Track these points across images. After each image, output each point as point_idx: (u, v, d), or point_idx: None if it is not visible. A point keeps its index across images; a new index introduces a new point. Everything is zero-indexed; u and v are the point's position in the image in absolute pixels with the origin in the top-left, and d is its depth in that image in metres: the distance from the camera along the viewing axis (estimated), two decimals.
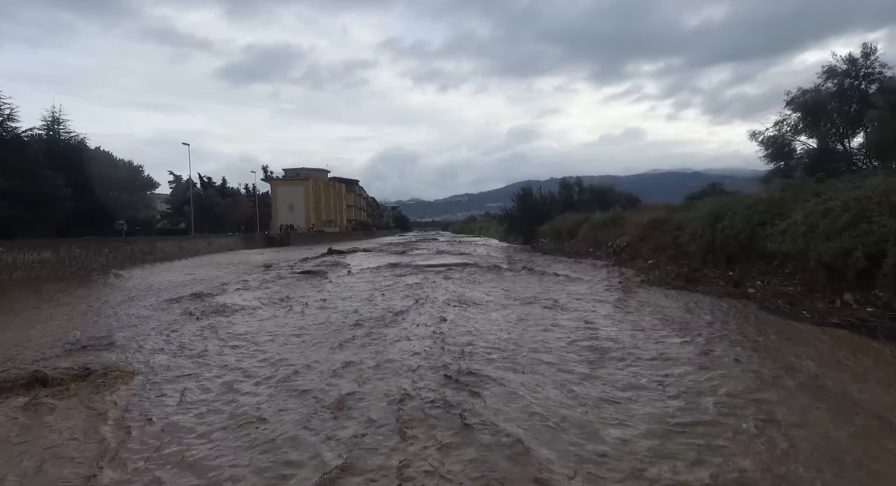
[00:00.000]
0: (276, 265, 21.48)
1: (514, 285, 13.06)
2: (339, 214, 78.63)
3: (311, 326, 7.74)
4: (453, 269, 17.77)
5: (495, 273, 16.25)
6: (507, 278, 14.85)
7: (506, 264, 20.15)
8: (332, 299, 10.75)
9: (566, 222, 27.87)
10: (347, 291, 12.28)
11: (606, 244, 19.83)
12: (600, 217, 23.12)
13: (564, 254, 23.55)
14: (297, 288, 13.07)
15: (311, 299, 10.77)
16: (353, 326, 7.59)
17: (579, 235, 25.03)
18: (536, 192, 38.93)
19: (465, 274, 15.99)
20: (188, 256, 29.29)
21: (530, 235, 36.70)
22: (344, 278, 15.65)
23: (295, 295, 11.43)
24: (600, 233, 21.46)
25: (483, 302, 10.10)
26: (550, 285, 12.93)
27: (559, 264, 19.28)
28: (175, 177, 59.44)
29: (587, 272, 15.82)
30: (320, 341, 6.91)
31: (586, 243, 23.04)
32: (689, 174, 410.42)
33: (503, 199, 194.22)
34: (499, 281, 13.95)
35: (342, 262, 22.53)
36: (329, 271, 18.30)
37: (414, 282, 13.99)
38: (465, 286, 12.81)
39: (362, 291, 12.06)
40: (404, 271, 17.13)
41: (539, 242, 31.64)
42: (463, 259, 22.68)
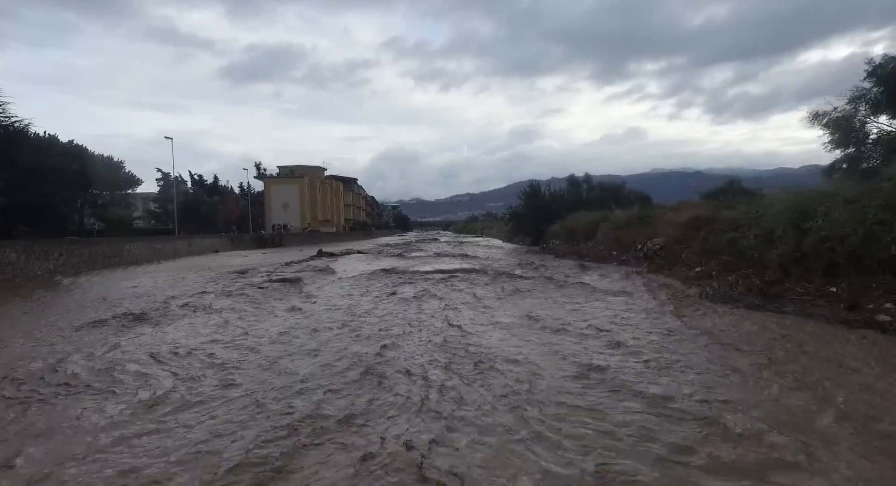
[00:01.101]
0: (253, 271, 18.73)
1: (535, 302, 10.29)
2: (337, 214, 75.87)
3: (236, 408, 4.47)
4: (456, 276, 15.02)
5: (507, 283, 13.49)
6: (522, 289, 12.08)
7: (517, 269, 17.39)
8: (296, 330, 7.97)
9: (581, 222, 25.11)
10: (321, 314, 9.51)
11: (635, 247, 17.05)
12: (623, 215, 20.35)
13: (581, 257, 20.78)
14: (260, 308, 10.30)
15: (266, 331, 7.95)
16: (289, 411, 4.46)
17: (597, 235, 22.25)
18: (545, 189, 36.15)
19: (470, 285, 13.22)
20: (163, 259, 26.54)
21: (538, 236, 33.94)
22: (324, 290, 12.89)
23: (249, 323, 8.66)
24: (624, 234, 18.68)
25: (500, 341, 7.33)
26: (581, 301, 10.17)
27: (578, 269, 16.51)
28: (164, 174, 56.80)
29: (619, 282, 13.04)
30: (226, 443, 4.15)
31: (607, 244, 20.26)
32: (691, 174, 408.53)
33: (504, 198, 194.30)
34: (514, 296, 11.17)
35: (330, 267, 19.78)
36: (310, 279, 15.54)
37: (408, 296, 11.23)
38: (473, 306, 10.05)
39: (339, 316, 9.29)
40: (398, 281, 14.36)
41: (549, 243, 28.87)
42: (467, 263, 19.93)
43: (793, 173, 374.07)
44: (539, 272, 16.08)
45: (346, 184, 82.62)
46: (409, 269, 17.82)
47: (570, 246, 24.37)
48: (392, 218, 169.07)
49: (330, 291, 12.60)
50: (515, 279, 14.18)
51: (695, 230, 14.49)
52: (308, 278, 15.62)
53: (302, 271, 17.97)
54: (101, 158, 38.97)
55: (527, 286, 12.74)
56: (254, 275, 17.08)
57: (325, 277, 16.29)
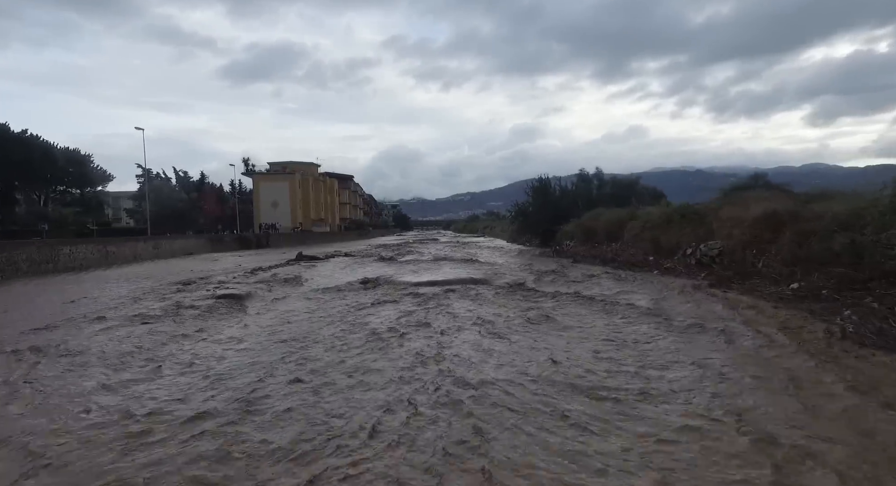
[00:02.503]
0: (203, 281, 15.16)
1: (574, 339, 6.70)
2: (331, 213, 72.23)
3: None
4: (455, 291, 11.44)
5: (524, 301, 9.90)
6: (546, 313, 8.49)
7: (531, 278, 13.80)
8: (169, 409, 4.43)
9: (602, 220, 21.51)
10: (236, 371, 5.91)
11: (682, 251, 13.43)
12: (660, 212, 16.75)
13: (607, 263, 17.19)
14: (141, 356, 6.71)
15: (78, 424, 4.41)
16: None
17: (624, 236, 18.64)
18: (555, 184, 32.52)
19: (474, 304, 9.63)
20: (117, 264, 22.98)
21: (548, 237, 30.32)
22: (269, 316, 9.29)
23: (86, 398, 5.11)
24: (664, 234, 15.07)
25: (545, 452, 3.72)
26: (642, 340, 6.59)
27: (613, 280, 12.90)
28: (144, 171, 53.25)
29: (681, 302, 9.43)
30: None
31: (639, 247, 16.65)
32: (692, 172, 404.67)
33: (505, 197, 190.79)
34: (539, 328, 7.56)
35: (301, 276, 16.19)
36: (265, 295, 11.96)
37: (386, 326, 7.63)
38: (479, 346, 6.43)
39: (256, 375, 5.70)
40: (379, 299, 10.75)
41: (563, 245, 25.25)
42: (469, 271, 16.34)
43: (794, 172, 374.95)
44: (562, 284, 12.49)
45: (341, 181, 78.90)
46: (398, 278, 14.23)
47: (590, 248, 20.76)
48: (391, 217, 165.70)
49: (277, 316, 8.99)
50: (534, 296, 10.57)
51: (770, 230, 10.88)
52: (262, 294, 12.04)
53: (263, 282, 14.39)
54: (63, 151, 35.38)
55: (552, 307, 9.14)
56: (199, 287, 13.50)
57: (286, 290, 12.70)
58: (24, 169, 30.36)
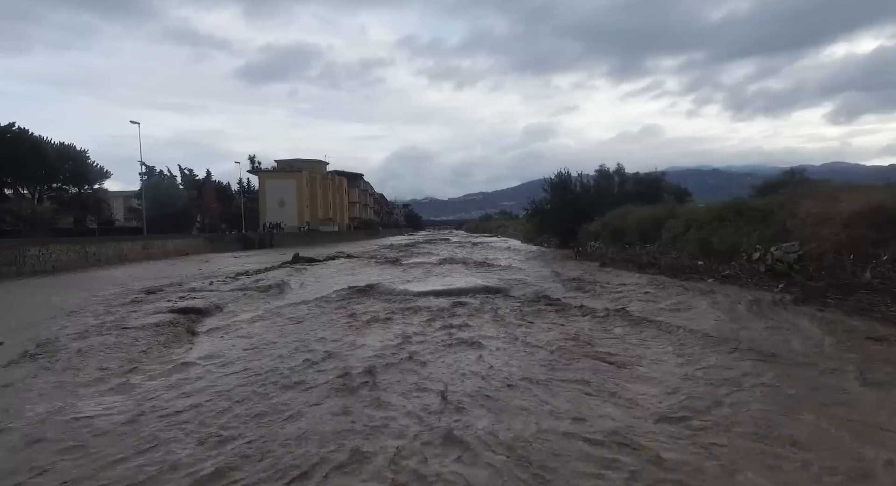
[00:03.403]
0: (174, 289, 13.05)
1: (633, 391, 4.33)
2: (340, 212, 70.28)
3: None
4: (465, 304, 9.14)
5: (555, 322, 7.56)
6: (589, 340, 6.16)
7: (558, 288, 11.44)
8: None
9: (633, 218, 19.01)
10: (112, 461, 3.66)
11: (747, 256, 10.94)
12: (708, 209, 14.24)
13: (642, 268, 14.75)
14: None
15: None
16: None
17: (662, 237, 16.16)
18: (576, 180, 30.02)
19: (489, 325, 7.31)
20: (97, 266, 21.07)
21: (569, 237, 27.87)
22: (225, 341, 7.06)
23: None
24: (717, 235, 12.59)
25: None
26: (743, 402, 4.20)
27: (658, 290, 10.45)
28: (147, 168, 51.75)
29: (760, 325, 6.99)
30: None
31: (682, 249, 14.17)
32: (709, 171, 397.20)
33: (517, 197, 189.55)
34: (582, 366, 5.21)
35: (287, 282, 14.00)
36: (234, 308, 9.77)
37: (367, 364, 5.34)
38: (495, 415, 4.08)
39: (139, 463, 3.44)
40: (368, 316, 8.46)
41: (586, 246, 22.79)
42: (482, 276, 14.02)
43: (815, 171, 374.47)
44: (597, 296, 10.10)
45: (350, 180, 76.89)
46: (398, 287, 11.94)
47: (620, 250, 18.29)
48: (403, 217, 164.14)
49: (228, 346, 6.73)
50: (567, 313, 8.22)
51: (875, 229, 8.39)
52: (231, 307, 9.84)
53: (240, 290, 12.23)
54: (56, 147, 33.73)
55: (593, 331, 6.79)
56: (162, 297, 11.36)
57: (261, 302, 10.48)
58: (13, 165, 28.71)
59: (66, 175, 36.30)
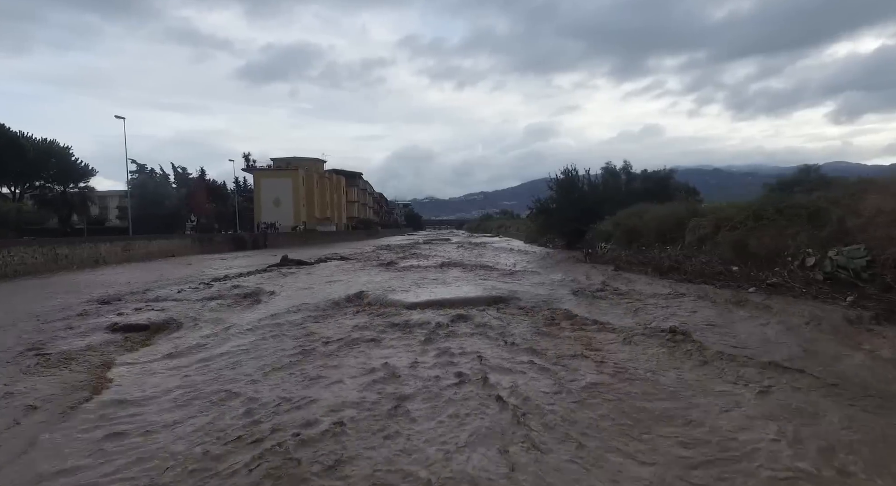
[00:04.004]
0: (137, 297, 11.51)
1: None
2: (338, 211, 68.68)
3: None
4: (466, 319, 7.60)
5: (589, 346, 5.99)
6: (636, 375, 4.58)
7: (574, 299, 9.85)
8: None
9: (650, 217, 17.44)
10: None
11: (800, 261, 9.34)
12: (742, 206, 12.64)
13: (664, 273, 13.18)
14: None
15: None
16: None
17: (686, 238, 14.59)
18: (584, 178, 28.44)
19: (503, 357, 5.74)
20: (68, 269, 19.54)
21: (576, 238, 26.33)
22: (142, 380, 5.51)
23: None
24: (755, 236, 11.00)
25: None
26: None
27: (693, 302, 8.87)
28: (139, 166, 50.25)
29: (859, 361, 5.42)
30: None
31: (712, 253, 12.59)
32: (710, 171, 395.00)
33: (518, 197, 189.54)
34: (630, 422, 3.62)
35: (270, 288, 12.45)
36: (191, 325, 8.20)
37: (323, 423, 3.79)
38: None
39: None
40: (346, 337, 6.90)
41: (596, 247, 21.23)
42: (486, 282, 12.44)
43: None
44: (623, 311, 8.52)
45: (349, 178, 75.28)
46: (390, 296, 10.37)
47: (636, 253, 16.70)
48: (403, 216, 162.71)
49: (170, 380, 5.17)
50: (596, 335, 6.65)
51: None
52: (191, 321, 8.28)
53: (211, 299, 10.69)
54: (35, 143, 32.15)
55: (633, 363, 5.22)
56: (117, 309, 9.81)
57: (228, 314, 8.91)
58: None
59: (51, 173, 34.77)
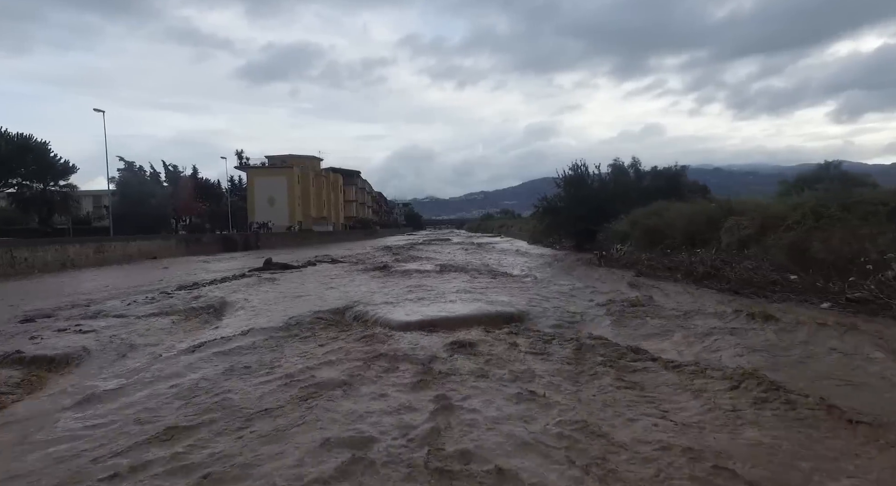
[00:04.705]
0: (79, 311, 9.66)
1: None
2: (335, 211, 66.82)
3: None
4: (474, 351, 5.74)
5: (644, 397, 4.12)
6: None
7: (604, 313, 8.00)
8: None
9: (674, 216, 15.60)
10: None
11: (893, 271, 7.47)
12: (799, 203, 10.76)
13: (698, 280, 11.28)
14: None
15: None
16: None
17: (721, 240, 12.73)
18: (594, 175, 26.61)
19: (533, 419, 3.86)
20: (28, 274, 17.73)
21: (585, 239, 24.49)
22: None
23: None
24: (817, 238, 9.13)
25: None
26: None
27: (760, 325, 6.98)
28: (127, 164, 48.38)
29: None
30: None
31: (759, 258, 10.72)
32: (710, 170, 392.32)
33: (519, 197, 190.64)
34: None
35: (239, 300, 10.61)
36: (112, 356, 6.35)
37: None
38: None
39: None
40: (309, 377, 5.03)
41: (611, 249, 19.34)
42: (493, 292, 10.56)
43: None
44: (666, 333, 6.66)
45: (347, 177, 73.37)
46: (378, 311, 8.49)
47: (660, 257, 14.80)
48: (403, 216, 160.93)
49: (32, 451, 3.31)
50: (647, 380, 4.77)
51: None
52: (110, 353, 6.43)
53: (164, 314, 8.83)
54: (8, 138, 30.26)
55: (711, 423, 3.35)
56: (39, 327, 7.95)
57: (176, 337, 7.05)
58: None
59: (28, 170, 32.91)
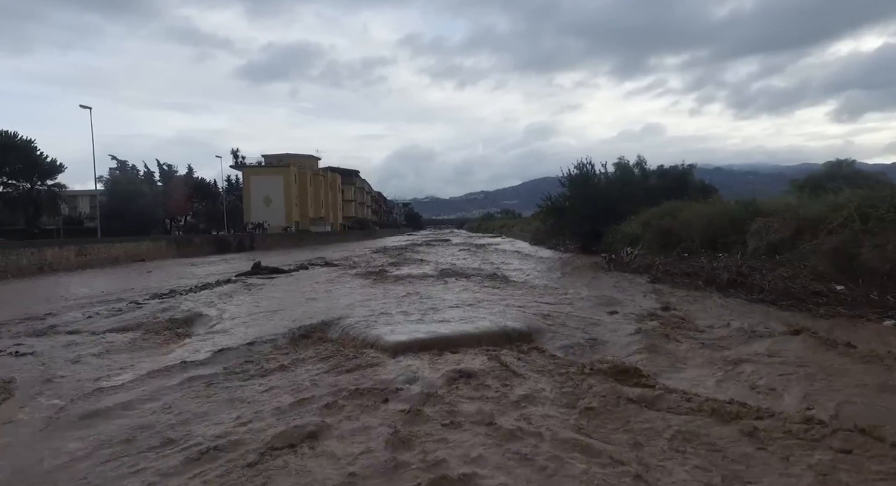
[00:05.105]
0: (26, 323, 8.54)
1: None
2: (333, 211, 65.69)
3: None
4: (474, 380, 4.60)
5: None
6: None
7: (630, 331, 6.86)
8: None
9: (697, 217, 14.48)
10: None
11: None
12: (840, 205, 9.63)
13: (723, 289, 10.13)
14: None
15: None
16: None
17: (748, 244, 11.60)
18: (601, 173, 25.49)
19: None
20: (3, 277, 16.62)
21: (591, 240, 23.40)
22: None
23: None
24: (882, 244, 8.00)
25: None
26: None
27: (815, 343, 5.87)
28: (120, 163, 47.29)
29: None
30: None
31: (795, 263, 9.58)
32: (710, 170, 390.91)
33: (519, 196, 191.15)
34: None
35: (214, 312, 9.49)
36: (15, 397, 5.21)
37: None
38: None
39: None
40: (269, 425, 3.89)
41: (621, 251, 18.20)
42: (498, 304, 9.42)
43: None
44: (706, 360, 5.53)
45: (345, 176, 72.22)
46: (366, 328, 7.36)
47: (677, 261, 13.65)
48: (402, 216, 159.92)
49: None
50: (672, 410, 3.63)
51: None
52: (35, 386, 5.31)
53: (123, 330, 7.72)
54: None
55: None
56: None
57: (123, 360, 5.92)
58: None
59: (13, 169, 31.80)
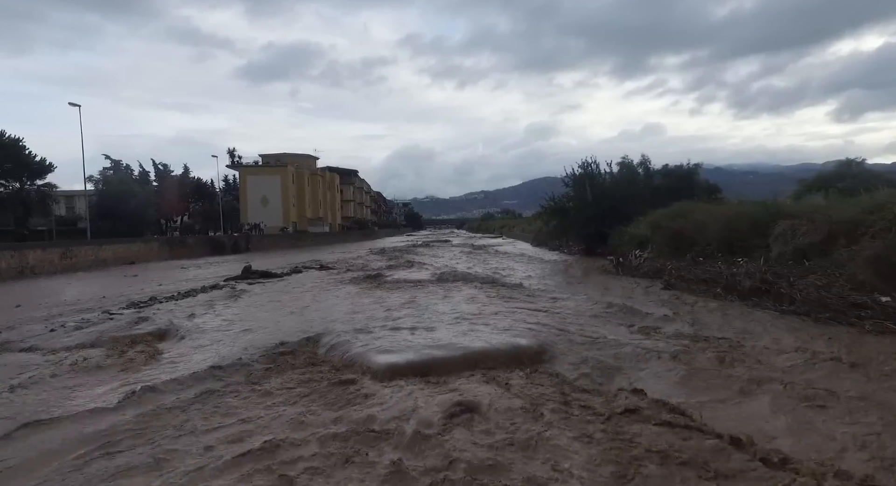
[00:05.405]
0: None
1: None
2: (331, 211, 64.84)
3: None
4: (476, 415, 3.76)
5: None
6: None
7: (660, 349, 6.02)
8: None
9: (713, 219, 13.66)
10: None
11: None
12: (878, 204, 8.81)
13: (746, 297, 9.28)
14: None
15: None
16: None
17: (772, 249, 10.76)
18: (605, 172, 24.66)
19: None
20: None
21: (596, 241, 22.57)
22: None
23: None
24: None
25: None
26: None
27: (876, 365, 5.07)
28: (113, 162, 46.46)
29: None
30: None
31: (827, 270, 8.75)
32: (711, 170, 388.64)
33: (519, 196, 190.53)
34: None
35: (177, 325, 8.65)
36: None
37: None
38: None
39: None
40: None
41: (629, 254, 17.36)
42: (505, 316, 8.58)
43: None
44: (752, 391, 4.70)
45: (344, 176, 71.36)
46: (351, 347, 6.53)
47: (691, 265, 12.81)
48: (402, 216, 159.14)
49: None
50: (718, 460, 2.80)
51: None
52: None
53: (71, 350, 6.92)
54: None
55: None
56: None
57: (80, 381, 5.11)
58: None
59: (0, 168, 30.97)
